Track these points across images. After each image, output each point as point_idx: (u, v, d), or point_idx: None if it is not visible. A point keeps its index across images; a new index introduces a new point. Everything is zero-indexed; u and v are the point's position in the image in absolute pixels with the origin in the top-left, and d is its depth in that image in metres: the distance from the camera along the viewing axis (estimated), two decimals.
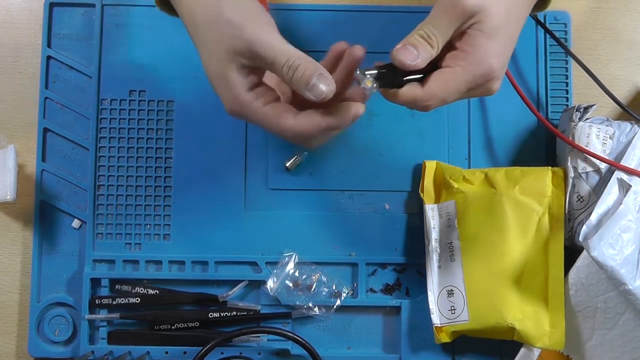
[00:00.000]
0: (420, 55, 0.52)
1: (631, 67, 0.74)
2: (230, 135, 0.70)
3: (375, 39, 0.71)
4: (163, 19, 0.70)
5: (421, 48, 0.53)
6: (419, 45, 0.53)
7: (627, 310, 0.64)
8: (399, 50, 0.53)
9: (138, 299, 0.68)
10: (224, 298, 0.68)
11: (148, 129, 0.70)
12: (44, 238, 0.69)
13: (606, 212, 0.63)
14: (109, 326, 0.69)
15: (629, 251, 0.61)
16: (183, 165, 0.70)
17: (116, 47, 0.71)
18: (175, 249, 0.69)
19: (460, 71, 0.53)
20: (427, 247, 0.68)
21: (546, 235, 0.66)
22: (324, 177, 0.70)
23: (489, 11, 0.52)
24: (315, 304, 0.68)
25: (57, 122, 0.70)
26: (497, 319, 0.64)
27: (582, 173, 0.65)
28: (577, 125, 0.66)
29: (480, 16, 0.52)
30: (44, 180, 0.69)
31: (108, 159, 0.70)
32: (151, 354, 0.68)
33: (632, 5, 0.75)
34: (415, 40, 0.53)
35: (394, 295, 0.70)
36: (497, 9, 0.53)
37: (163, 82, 0.70)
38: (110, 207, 0.70)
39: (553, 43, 0.71)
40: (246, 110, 0.54)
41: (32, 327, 0.68)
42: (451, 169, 0.69)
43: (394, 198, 0.70)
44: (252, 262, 0.69)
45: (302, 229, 0.69)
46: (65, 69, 0.70)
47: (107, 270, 0.69)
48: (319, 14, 0.71)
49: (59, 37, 0.71)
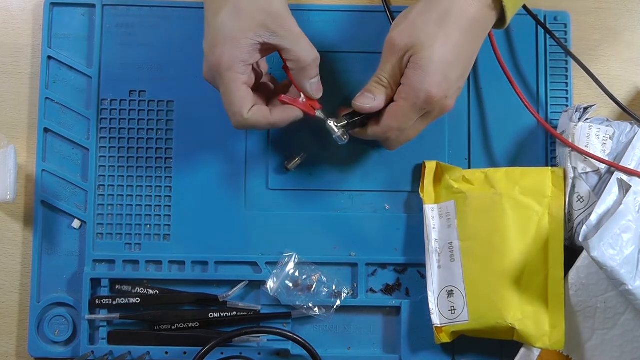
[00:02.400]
0: (377, 98, 0.61)
1: (631, 67, 0.74)
2: (230, 135, 0.70)
3: (374, 39, 0.71)
4: (163, 19, 0.71)
5: (376, 92, 0.61)
6: (373, 89, 0.61)
7: (627, 310, 0.64)
8: (358, 98, 0.62)
9: (138, 299, 0.68)
10: (224, 298, 0.68)
11: (148, 129, 0.70)
12: (44, 238, 0.69)
13: (606, 213, 0.63)
14: (109, 326, 0.68)
15: (628, 251, 0.61)
16: (183, 165, 0.70)
17: (116, 47, 0.71)
18: (175, 249, 0.69)
19: (403, 103, 0.60)
20: (427, 247, 0.68)
21: (546, 236, 0.66)
22: (324, 178, 0.70)
23: (419, 46, 0.58)
24: (315, 304, 0.68)
25: (57, 122, 0.70)
26: (497, 319, 0.64)
27: (582, 173, 0.65)
28: (577, 126, 0.66)
29: (412, 51, 0.58)
30: (44, 180, 0.69)
31: (108, 159, 0.70)
32: (151, 354, 0.68)
33: (632, 5, 0.75)
34: (370, 86, 0.61)
35: (394, 295, 0.70)
36: (428, 41, 0.58)
37: (163, 82, 0.70)
38: (110, 207, 0.70)
39: (553, 43, 0.71)
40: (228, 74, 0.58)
41: (32, 327, 0.68)
42: (451, 169, 0.69)
43: (394, 198, 0.70)
44: (252, 262, 0.69)
45: (302, 229, 0.69)
46: (65, 69, 0.70)
47: (107, 271, 0.69)
48: (319, 14, 0.71)
49: (59, 37, 0.71)
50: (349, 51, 0.71)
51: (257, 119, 0.60)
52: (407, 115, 0.60)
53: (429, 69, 0.58)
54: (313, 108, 0.63)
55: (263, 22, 0.57)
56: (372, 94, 0.61)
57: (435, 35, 0.58)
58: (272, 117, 0.61)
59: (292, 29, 0.59)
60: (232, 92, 0.59)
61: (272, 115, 0.61)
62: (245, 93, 0.59)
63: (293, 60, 0.59)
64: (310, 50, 0.60)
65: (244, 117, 0.59)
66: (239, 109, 0.59)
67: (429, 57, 0.58)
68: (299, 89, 0.62)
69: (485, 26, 0.61)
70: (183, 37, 0.71)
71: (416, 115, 0.61)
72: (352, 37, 0.71)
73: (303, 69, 0.60)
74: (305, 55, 0.59)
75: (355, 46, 0.71)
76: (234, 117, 0.60)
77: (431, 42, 0.58)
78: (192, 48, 0.71)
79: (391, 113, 0.61)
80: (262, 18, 0.57)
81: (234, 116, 0.60)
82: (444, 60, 0.58)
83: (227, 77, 0.58)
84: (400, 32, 0.59)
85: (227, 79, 0.58)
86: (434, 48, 0.58)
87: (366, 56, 0.71)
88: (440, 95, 0.59)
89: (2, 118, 0.71)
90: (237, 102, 0.59)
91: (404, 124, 0.61)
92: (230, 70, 0.58)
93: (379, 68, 0.61)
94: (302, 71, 0.60)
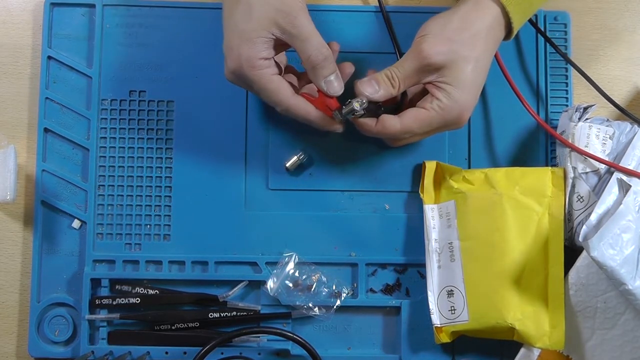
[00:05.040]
0: (380, 91, 0.61)
1: (631, 67, 0.74)
2: (231, 135, 0.70)
3: (375, 39, 0.71)
4: (163, 19, 0.71)
5: (382, 85, 0.61)
6: (381, 82, 0.61)
7: (627, 310, 0.64)
8: (363, 81, 0.61)
9: (138, 299, 0.68)
10: (224, 298, 0.68)
11: (148, 130, 0.70)
12: (44, 238, 0.69)
13: (606, 212, 0.63)
14: (109, 326, 0.68)
15: (628, 251, 0.61)
16: (183, 165, 0.70)
17: (116, 48, 0.71)
18: (175, 249, 0.69)
19: (435, 115, 0.61)
20: (427, 247, 0.68)
21: (546, 236, 0.66)
22: (324, 178, 0.70)
23: (456, 66, 0.60)
24: (315, 304, 0.68)
25: (58, 122, 0.70)
26: (497, 319, 0.64)
27: (582, 173, 0.65)
28: (577, 126, 0.66)
29: (447, 70, 0.60)
30: (44, 180, 0.69)
31: (108, 159, 0.70)
32: (151, 354, 0.68)
33: (632, 5, 0.75)
34: (380, 77, 0.61)
35: (394, 295, 0.70)
36: (464, 63, 0.60)
37: (163, 82, 0.70)
38: (110, 207, 0.70)
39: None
40: (255, 73, 0.59)
41: (32, 327, 0.68)
42: (451, 169, 0.69)
43: (394, 198, 0.70)
44: (252, 262, 0.69)
45: (302, 229, 0.69)
46: (65, 69, 0.70)
47: (107, 271, 0.69)
48: (320, 14, 0.71)
49: (59, 37, 0.71)
50: (361, 51, 0.71)
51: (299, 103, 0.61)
52: (431, 125, 0.62)
53: (465, 91, 0.60)
54: (329, 108, 0.62)
55: (274, 19, 0.58)
56: (377, 85, 0.61)
57: (470, 58, 0.60)
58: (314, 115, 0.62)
59: (303, 26, 0.58)
60: (265, 85, 0.60)
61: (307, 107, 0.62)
62: (279, 82, 0.60)
63: (303, 59, 0.60)
64: (320, 49, 0.59)
65: (289, 103, 0.61)
66: (279, 98, 0.61)
67: (464, 79, 0.60)
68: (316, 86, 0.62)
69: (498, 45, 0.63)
70: (183, 37, 0.71)
71: (436, 128, 0.62)
72: (352, 37, 0.71)
73: (314, 67, 0.60)
74: (316, 53, 0.59)
75: (362, 47, 0.71)
76: (279, 106, 0.62)
77: (466, 65, 0.60)
78: (192, 48, 0.71)
79: (418, 118, 0.61)
80: (274, 15, 0.58)
81: (279, 105, 0.61)
82: (476, 83, 0.61)
83: (254, 75, 0.59)
84: (436, 47, 0.59)
85: (255, 76, 0.59)
86: (468, 70, 0.60)
87: (366, 57, 0.71)
88: (468, 116, 0.62)
89: (2, 118, 0.71)
90: (274, 92, 0.60)
91: (423, 131, 0.62)
92: (255, 69, 0.59)
93: (397, 65, 0.61)
94: (314, 70, 0.60)
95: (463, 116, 0.61)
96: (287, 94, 0.61)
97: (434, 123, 0.62)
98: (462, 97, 0.60)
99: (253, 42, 0.58)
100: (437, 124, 0.62)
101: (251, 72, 0.59)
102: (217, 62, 0.65)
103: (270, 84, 0.60)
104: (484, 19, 0.60)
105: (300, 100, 0.61)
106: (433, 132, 0.64)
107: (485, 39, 0.60)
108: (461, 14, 0.60)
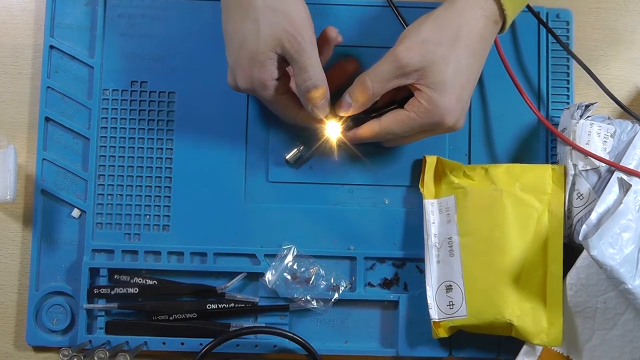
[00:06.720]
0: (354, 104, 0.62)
1: (631, 67, 0.74)
2: (231, 127, 0.70)
3: (376, 34, 0.71)
4: (165, 10, 0.71)
5: (354, 96, 0.61)
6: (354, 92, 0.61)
7: (627, 310, 0.64)
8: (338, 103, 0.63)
9: (136, 290, 0.68)
10: (222, 290, 0.68)
11: (149, 120, 0.70)
12: (43, 227, 0.69)
13: (606, 212, 0.63)
14: (107, 316, 0.68)
15: (628, 250, 0.61)
16: (183, 156, 0.70)
17: (118, 38, 0.71)
18: (175, 240, 0.69)
19: (415, 116, 0.61)
20: (426, 242, 0.68)
21: (545, 233, 0.66)
22: (324, 171, 0.70)
23: (434, 68, 0.58)
24: (313, 297, 0.68)
25: (59, 111, 0.70)
26: (495, 315, 0.64)
27: (582, 171, 0.65)
28: (578, 123, 0.66)
29: (425, 72, 0.59)
30: (44, 169, 0.69)
31: (109, 149, 0.70)
32: (148, 344, 0.68)
33: (632, 5, 0.75)
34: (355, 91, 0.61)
35: (392, 289, 0.70)
36: (442, 65, 0.58)
37: (164, 73, 0.70)
38: (110, 197, 0.70)
39: (555, 41, 0.71)
40: (266, 93, 0.61)
41: (31, 316, 0.68)
42: (452, 164, 0.69)
43: (394, 192, 0.70)
44: (251, 254, 0.69)
45: (302, 222, 0.69)
46: (67, 59, 0.70)
47: (106, 260, 0.69)
48: (320, 8, 0.71)
49: (61, 27, 0.71)
50: (361, 45, 0.71)
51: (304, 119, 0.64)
52: (412, 128, 0.62)
53: (445, 93, 0.59)
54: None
55: (280, 40, 0.57)
56: (350, 98, 0.62)
57: (448, 58, 0.58)
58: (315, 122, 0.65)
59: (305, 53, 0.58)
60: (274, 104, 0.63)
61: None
62: (287, 100, 0.63)
63: (297, 82, 0.60)
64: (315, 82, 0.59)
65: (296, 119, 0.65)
66: (285, 115, 0.65)
67: (443, 81, 0.59)
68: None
69: (490, 41, 0.61)
70: (185, 29, 0.71)
71: (420, 131, 0.62)
72: (353, 32, 0.71)
73: (303, 94, 0.60)
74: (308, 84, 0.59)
75: (369, 41, 0.71)
76: (286, 120, 0.66)
77: (445, 66, 0.58)
78: (194, 40, 0.71)
79: (397, 120, 0.62)
80: (280, 35, 0.57)
81: (285, 119, 0.66)
82: (458, 84, 0.59)
83: (265, 95, 0.61)
84: (410, 50, 0.58)
85: (267, 96, 0.61)
86: (447, 72, 0.58)
87: (368, 51, 0.71)
88: (452, 122, 0.61)
89: (2, 118, 0.71)
90: (282, 109, 0.64)
91: (405, 132, 0.62)
92: (266, 89, 0.60)
93: (372, 72, 0.60)
94: (303, 96, 0.61)
95: (445, 119, 0.60)
96: (294, 112, 0.64)
97: (414, 125, 0.61)
98: (442, 99, 0.59)
99: (263, 65, 0.59)
100: (419, 126, 0.61)
101: (263, 92, 0.60)
102: (219, 54, 0.65)
103: (280, 102, 0.62)
104: (464, 16, 0.59)
105: (305, 115, 0.64)
106: (421, 135, 0.64)
107: (466, 37, 0.59)
108: (437, 14, 0.60)
